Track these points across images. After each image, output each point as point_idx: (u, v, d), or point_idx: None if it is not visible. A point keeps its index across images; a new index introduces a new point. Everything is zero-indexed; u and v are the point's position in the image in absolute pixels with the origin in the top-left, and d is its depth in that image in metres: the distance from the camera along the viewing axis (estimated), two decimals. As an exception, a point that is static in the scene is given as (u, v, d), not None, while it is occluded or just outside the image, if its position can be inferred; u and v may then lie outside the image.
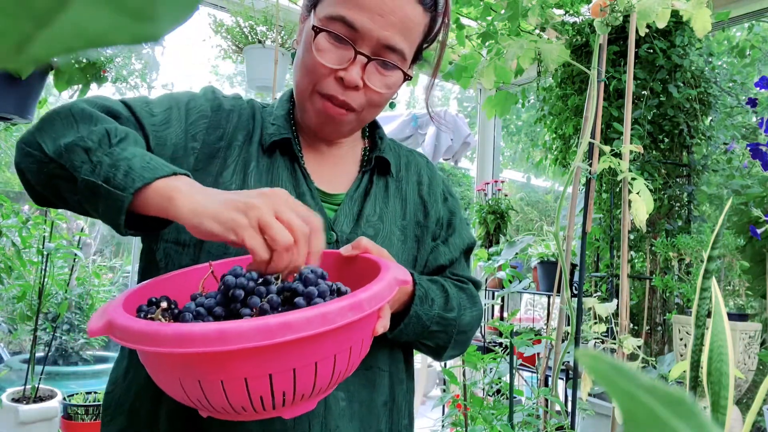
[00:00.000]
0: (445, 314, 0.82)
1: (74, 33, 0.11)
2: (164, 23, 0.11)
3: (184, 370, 0.49)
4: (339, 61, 0.76)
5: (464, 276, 0.93)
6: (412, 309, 0.77)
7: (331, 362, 0.52)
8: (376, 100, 0.80)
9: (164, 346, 0.46)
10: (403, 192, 0.91)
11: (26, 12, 0.10)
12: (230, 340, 0.45)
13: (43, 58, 0.11)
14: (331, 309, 0.49)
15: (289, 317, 0.47)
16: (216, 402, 0.50)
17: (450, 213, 0.95)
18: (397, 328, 0.77)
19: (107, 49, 2.08)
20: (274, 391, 0.50)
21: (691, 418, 0.13)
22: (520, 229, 7.42)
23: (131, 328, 0.48)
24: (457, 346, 0.87)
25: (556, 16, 2.61)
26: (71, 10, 0.10)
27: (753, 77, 3.62)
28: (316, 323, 0.48)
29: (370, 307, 0.52)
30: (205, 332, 0.45)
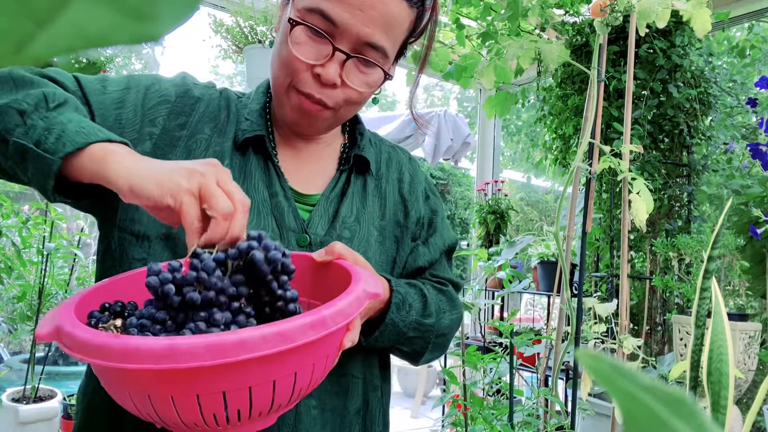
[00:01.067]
0: (423, 320, 0.79)
1: (74, 33, 0.11)
2: (164, 23, 0.11)
3: (133, 386, 0.47)
4: (316, 56, 0.72)
5: (444, 278, 0.90)
6: (388, 317, 0.74)
7: (291, 380, 0.49)
8: (354, 98, 0.76)
9: (111, 360, 0.43)
10: (382, 191, 0.87)
11: (26, 12, 0.10)
12: (180, 357, 0.42)
13: (43, 57, 0.11)
14: (290, 327, 0.46)
15: (245, 335, 0.43)
16: (167, 418, 0.48)
17: (431, 212, 0.92)
18: (372, 336, 0.75)
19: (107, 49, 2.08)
20: (228, 408, 0.47)
21: (691, 418, 0.13)
22: (520, 229, 7.42)
23: (78, 339, 0.45)
24: (435, 349, 0.85)
25: (556, 16, 2.61)
26: (71, 9, 0.10)
27: (753, 77, 3.62)
28: (273, 342, 0.44)
29: (335, 323, 0.49)
30: (154, 348, 0.42)
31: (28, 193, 4.84)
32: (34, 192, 3.59)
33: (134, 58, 2.19)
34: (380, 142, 0.93)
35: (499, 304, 3.03)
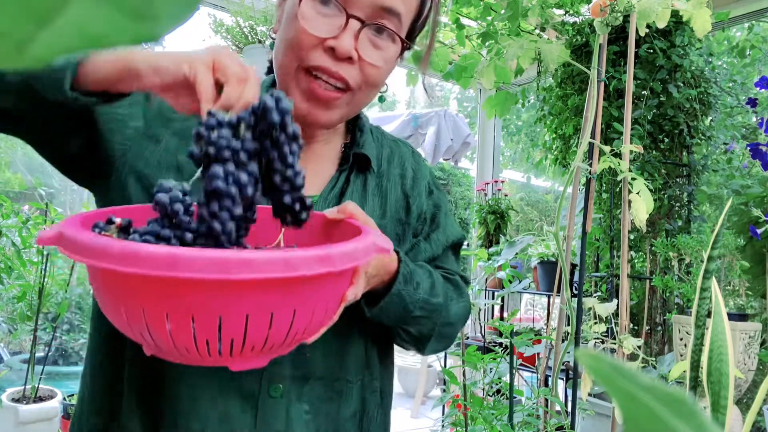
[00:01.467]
0: (431, 299, 0.77)
1: (74, 33, 0.11)
2: (164, 23, 0.11)
3: (129, 295, 0.46)
4: (328, 30, 0.68)
5: (451, 270, 0.88)
6: (395, 287, 0.71)
7: (289, 316, 0.48)
8: (373, 76, 0.71)
9: (108, 262, 0.42)
10: (383, 188, 0.84)
11: (27, 12, 0.10)
12: (180, 266, 0.41)
13: (44, 58, 0.11)
14: (296, 255, 0.45)
15: (250, 255, 0.43)
16: (159, 337, 0.46)
17: (434, 207, 0.90)
18: (377, 306, 0.72)
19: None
20: (222, 335, 0.46)
21: (691, 418, 0.13)
22: (520, 229, 7.42)
23: (78, 241, 0.44)
24: (441, 339, 0.82)
25: (556, 16, 2.61)
26: (71, 10, 0.10)
27: (753, 77, 3.62)
28: (278, 267, 0.43)
29: (341, 264, 0.47)
30: (154, 254, 0.41)
31: (28, 193, 4.84)
32: (34, 192, 3.56)
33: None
34: (382, 137, 0.90)
35: (499, 304, 3.03)
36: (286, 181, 0.55)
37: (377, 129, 0.91)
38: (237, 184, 0.51)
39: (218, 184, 0.50)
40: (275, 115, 0.52)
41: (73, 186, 5.39)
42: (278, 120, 0.52)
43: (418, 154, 0.93)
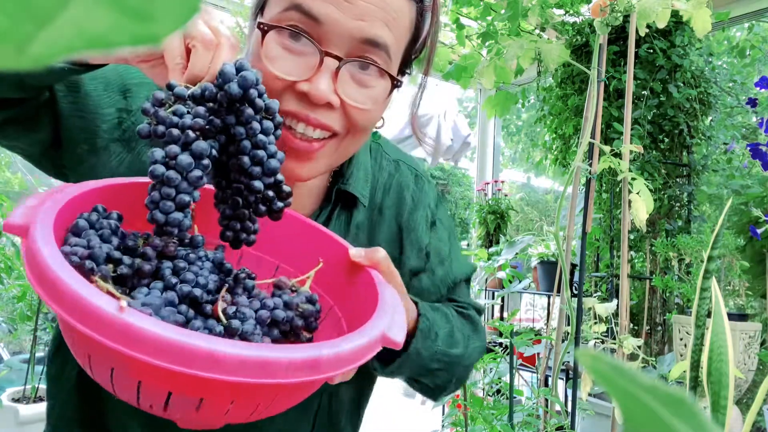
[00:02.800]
0: (449, 350, 0.69)
1: (74, 33, 0.11)
2: (165, 24, 0.11)
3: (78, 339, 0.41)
4: (299, 71, 0.56)
5: (465, 302, 0.80)
6: (413, 345, 0.63)
7: (252, 406, 0.42)
8: (361, 120, 0.60)
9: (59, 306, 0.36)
10: (373, 222, 0.74)
11: (27, 12, 0.10)
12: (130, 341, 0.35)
13: (43, 58, 0.11)
14: (278, 359, 0.37)
15: (219, 348, 0.35)
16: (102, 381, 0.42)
17: (438, 241, 0.79)
18: (392, 365, 0.63)
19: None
20: (169, 407, 0.40)
21: (691, 418, 0.13)
22: (520, 229, 7.42)
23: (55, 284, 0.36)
24: (457, 382, 0.75)
25: (556, 16, 2.61)
26: (71, 10, 0.10)
27: (753, 77, 3.62)
28: (251, 371, 0.36)
29: (330, 369, 0.40)
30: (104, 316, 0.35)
31: (28, 193, 4.84)
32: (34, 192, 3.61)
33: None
34: (382, 158, 0.79)
35: (499, 304, 3.03)
36: (257, 164, 0.47)
37: (378, 147, 0.79)
38: (177, 168, 0.44)
39: (156, 169, 0.44)
40: (234, 86, 0.45)
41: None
42: (238, 92, 0.45)
43: (423, 177, 0.82)
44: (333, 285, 0.58)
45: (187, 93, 0.46)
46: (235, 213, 0.51)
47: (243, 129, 0.46)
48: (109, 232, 0.47)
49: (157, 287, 0.45)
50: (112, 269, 0.45)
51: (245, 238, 0.52)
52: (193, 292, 0.46)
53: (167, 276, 0.46)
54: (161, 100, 0.45)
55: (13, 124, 0.60)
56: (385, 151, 0.80)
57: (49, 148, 0.64)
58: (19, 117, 0.59)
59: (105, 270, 0.44)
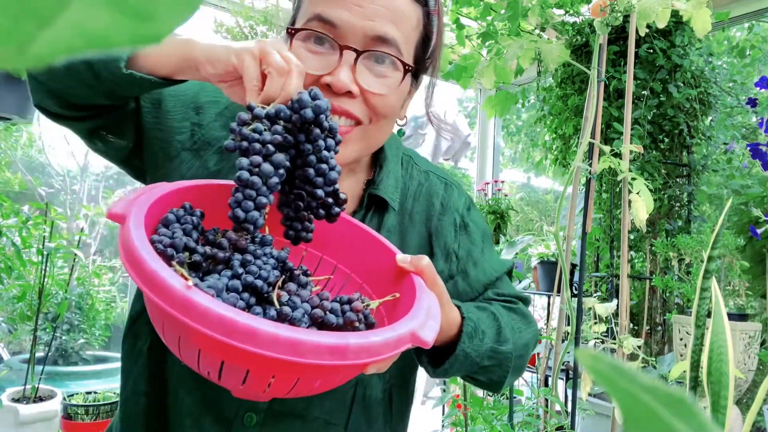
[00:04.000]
0: (499, 347, 0.72)
1: (75, 33, 0.11)
2: (165, 23, 0.11)
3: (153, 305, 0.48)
4: (323, 67, 0.66)
5: (510, 294, 0.84)
6: (459, 347, 0.67)
7: (291, 381, 0.48)
8: (380, 106, 0.67)
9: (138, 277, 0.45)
10: (404, 227, 0.79)
11: (28, 12, 0.10)
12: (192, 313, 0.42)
13: (44, 58, 0.11)
14: (305, 340, 0.43)
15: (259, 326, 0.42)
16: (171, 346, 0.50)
17: (469, 243, 0.83)
18: (441, 367, 0.69)
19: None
20: (223, 375, 0.48)
21: (691, 418, 0.13)
22: (520, 229, 7.41)
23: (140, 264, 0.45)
24: (515, 372, 0.78)
25: (556, 16, 2.61)
26: (72, 10, 0.10)
27: (753, 77, 3.62)
28: (282, 348, 0.42)
29: (357, 357, 0.45)
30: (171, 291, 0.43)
31: (28, 193, 4.84)
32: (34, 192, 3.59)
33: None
34: (412, 167, 0.84)
35: (499, 304, 3.02)
36: (320, 175, 0.56)
37: (408, 159, 0.85)
38: (260, 175, 0.53)
39: (243, 175, 0.53)
40: (309, 111, 0.54)
41: (73, 186, 5.37)
42: (311, 116, 0.54)
43: (453, 185, 0.86)
44: (380, 286, 0.64)
45: (263, 113, 0.55)
46: (297, 215, 0.60)
47: (311, 146, 0.55)
48: (191, 227, 0.56)
49: (226, 275, 0.53)
50: (188, 257, 0.53)
51: (304, 236, 0.61)
52: (255, 282, 0.53)
53: (235, 266, 0.54)
54: (245, 120, 0.54)
55: (104, 130, 0.71)
56: (416, 163, 0.86)
57: (131, 154, 0.74)
58: (109, 124, 0.70)
59: (182, 257, 0.52)
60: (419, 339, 0.49)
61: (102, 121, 0.69)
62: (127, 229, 0.48)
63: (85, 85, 0.62)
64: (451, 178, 0.87)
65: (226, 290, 0.52)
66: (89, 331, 3.79)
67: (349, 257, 0.67)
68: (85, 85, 0.62)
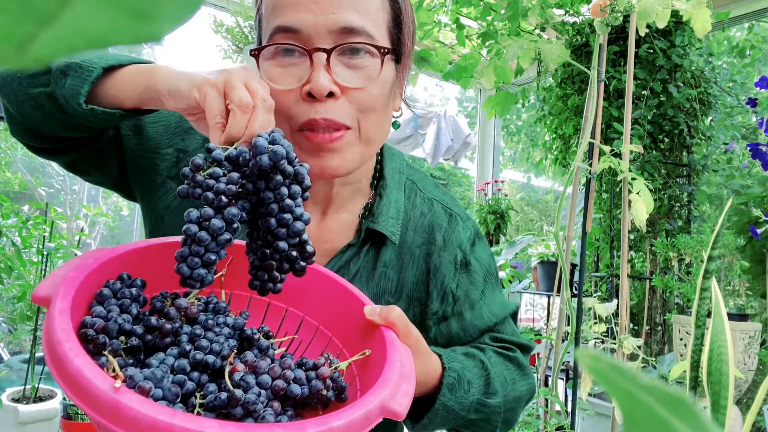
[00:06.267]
0: (487, 400, 0.67)
1: (76, 33, 0.11)
2: (165, 23, 0.11)
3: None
4: (298, 78, 0.62)
5: (511, 342, 0.78)
6: (439, 400, 0.62)
7: None
8: (364, 101, 0.64)
9: (60, 379, 0.39)
10: (402, 262, 0.74)
11: (28, 12, 0.10)
12: (121, 419, 0.37)
13: (44, 58, 0.11)
14: None
15: (203, 430, 0.37)
16: None
17: (469, 283, 0.77)
18: (421, 422, 0.64)
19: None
20: None
21: (691, 418, 0.13)
22: (520, 229, 7.41)
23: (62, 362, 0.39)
24: (504, 426, 0.72)
25: (556, 16, 2.61)
26: (72, 10, 0.10)
27: (753, 77, 3.62)
28: None
29: None
30: (99, 394, 0.37)
31: (28, 193, 4.85)
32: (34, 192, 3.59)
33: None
34: (416, 195, 0.79)
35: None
36: (283, 226, 0.51)
37: (413, 186, 0.79)
38: (209, 230, 0.48)
39: (189, 229, 0.48)
40: (265, 158, 0.48)
41: (73, 186, 5.37)
42: (268, 164, 0.48)
43: (458, 218, 0.80)
44: (350, 338, 0.59)
45: (223, 156, 0.50)
46: (262, 264, 0.55)
47: (272, 194, 0.50)
48: (129, 301, 0.51)
49: (172, 354, 0.48)
50: (124, 341, 0.48)
51: (271, 287, 0.55)
52: (206, 359, 0.48)
53: (183, 343, 0.49)
54: (199, 165, 0.49)
55: (86, 161, 0.70)
56: (420, 189, 0.80)
57: (118, 180, 0.74)
58: (90, 155, 0.69)
59: (116, 344, 0.47)
60: (390, 411, 0.45)
61: (80, 153, 0.68)
62: (50, 317, 0.42)
63: (53, 119, 0.60)
64: (457, 208, 0.81)
65: (172, 371, 0.47)
66: (89, 331, 3.78)
67: (316, 308, 0.62)
68: (53, 119, 0.60)
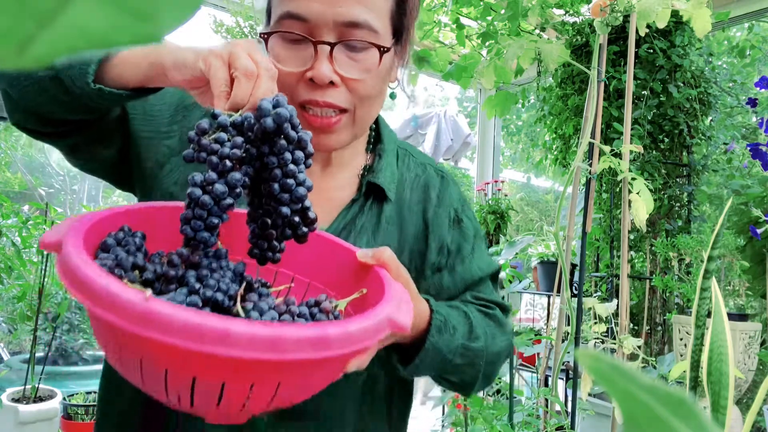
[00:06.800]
0: (471, 344, 0.71)
1: (76, 33, 0.11)
2: (166, 23, 0.11)
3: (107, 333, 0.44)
4: (303, 62, 0.67)
5: (489, 300, 0.82)
6: (428, 340, 0.66)
7: (271, 389, 0.44)
8: (361, 91, 0.69)
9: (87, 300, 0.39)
10: (401, 217, 0.79)
11: (28, 12, 0.10)
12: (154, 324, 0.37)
13: (45, 58, 0.11)
14: (286, 336, 0.39)
15: (232, 327, 0.37)
16: (132, 378, 0.45)
17: (461, 238, 0.82)
18: (412, 364, 0.67)
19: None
20: (195, 394, 0.42)
21: (691, 418, 0.13)
22: (520, 229, 7.42)
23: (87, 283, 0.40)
24: (485, 379, 0.77)
25: (556, 16, 2.61)
26: (72, 10, 0.10)
27: (753, 77, 3.62)
28: (261, 346, 0.38)
29: (339, 348, 0.42)
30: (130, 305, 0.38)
31: (28, 193, 4.84)
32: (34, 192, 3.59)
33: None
34: (410, 159, 0.85)
35: (499, 304, 3.02)
36: (286, 191, 0.51)
37: (405, 150, 0.86)
38: (212, 194, 0.49)
39: (194, 192, 0.48)
40: (269, 120, 0.49)
41: (73, 186, 5.36)
42: (272, 126, 0.49)
43: (449, 180, 0.87)
44: (344, 288, 0.61)
45: (228, 122, 0.50)
46: (263, 233, 0.55)
47: (275, 158, 0.51)
48: (135, 248, 0.51)
49: (182, 292, 0.49)
50: (138, 275, 0.49)
51: (270, 257, 0.56)
52: (215, 296, 0.49)
53: (191, 282, 0.50)
54: (204, 129, 0.50)
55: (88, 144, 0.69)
56: (413, 155, 0.86)
57: (117, 164, 0.73)
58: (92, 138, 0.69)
59: (132, 276, 0.48)
60: (396, 324, 0.47)
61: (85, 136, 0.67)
62: (66, 253, 0.42)
63: (58, 102, 0.61)
64: (447, 172, 0.88)
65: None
66: (89, 331, 3.79)
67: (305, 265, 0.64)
68: (58, 102, 0.61)
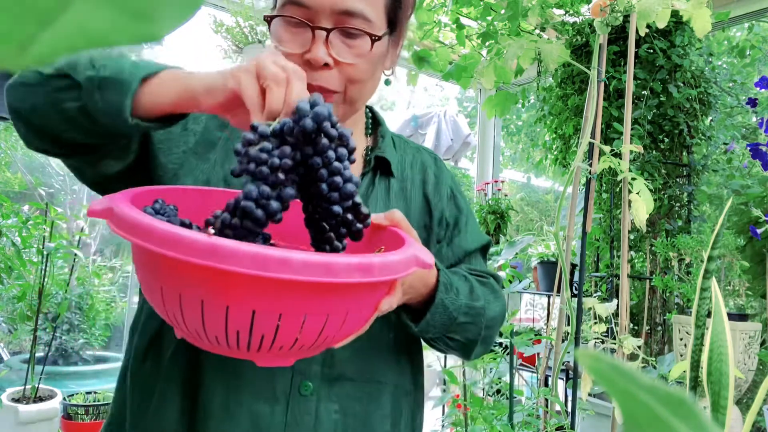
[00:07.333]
0: (473, 303, 0.77)
1: (76, 33, 0.11)
2: (166, 23, 0.11)
3: (168, 278, 0.47)
4: (301, 45, 0.72)
5: (483, 271, 0.88)
6: (437, 296, 0.72)
7: (321, 320, 0.48)
8: (353, 74, 0.74)
9: (151, 242, 0.43)
10: (407, 192, 0.86)
11: (29, 12, 0.10)
12: (219, 256, 0.41)
13: (45, 58, 0.11)
14: (337, 261, 0.45)
15: (290, 255, 0.42)
16: (191, 323, 0.47)
17: (457, 211, 0.90)
18: (423, 319, 0.72)
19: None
20: (254, 330, 0.46)
21: (691, 418, 0.13)
22: (520, 229, 7.42)
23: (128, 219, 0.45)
24: (484, 342, 0.83)
25: (556, 16, 2.61)
26: (73, 10, 0.10)
27: (753, 77, 3.61)
28: (317, 271, 0.43)
29: (381, 274, 0.47)
30: (195, 240, 0.42)
31: (28, 193, 4.84)
32: (34, 192, 3.59)
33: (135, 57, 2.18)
34: (405, 144, 0.93)
35: (499, 304, 3.02)
36: (334, 189, 0.52)
37: (400, 137, 0.93)
38: (266, 210, 0.50)
39: (248, 206, 0.50)
40: (309, 121, 0.50)
41: (73, 186, 5.37)
42: (312, 126, 0.50)
43: (441, 162, 0.95)
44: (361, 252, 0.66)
45: (269, 130, 0.51)
46: (322, 237, 0.58)
47: (319, 159, 0.52)
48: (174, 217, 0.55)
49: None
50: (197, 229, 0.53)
51: None
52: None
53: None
54: (251, 140, 0.51)
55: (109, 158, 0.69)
56: (406, 141, 0.95)
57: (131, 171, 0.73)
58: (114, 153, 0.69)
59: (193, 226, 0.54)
60: (423, 261, 0.52)
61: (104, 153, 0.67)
62: (120, 212, 0.46)
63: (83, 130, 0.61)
64: (438, 156, 0.96)
65: None
66: (89, 331, 3.79)
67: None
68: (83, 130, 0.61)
